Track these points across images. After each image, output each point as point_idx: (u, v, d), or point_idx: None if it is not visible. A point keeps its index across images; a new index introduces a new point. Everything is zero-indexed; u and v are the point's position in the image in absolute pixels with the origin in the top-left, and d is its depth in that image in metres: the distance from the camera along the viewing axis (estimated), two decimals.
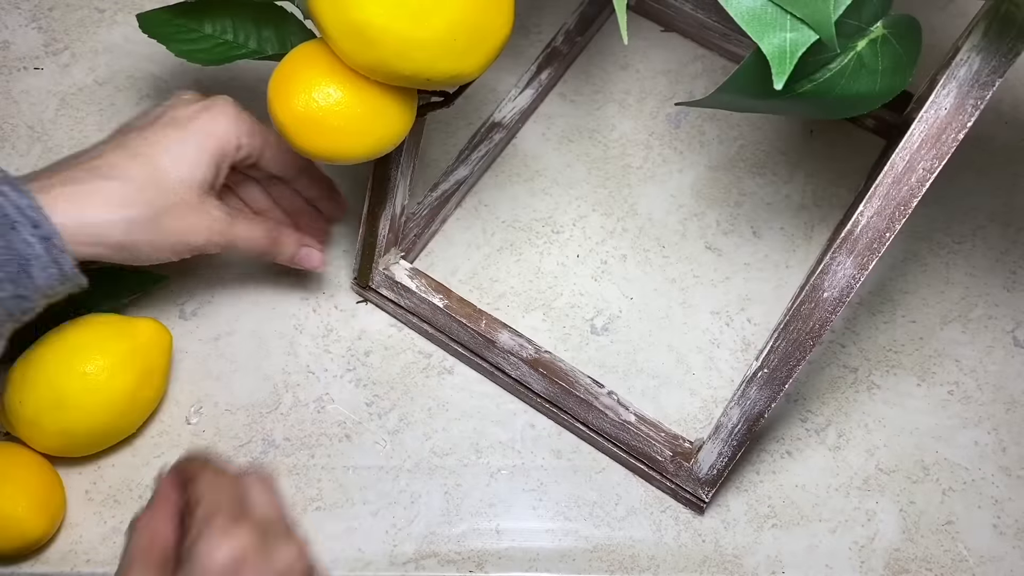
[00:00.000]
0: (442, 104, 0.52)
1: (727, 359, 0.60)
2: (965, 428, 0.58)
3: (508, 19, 0.46)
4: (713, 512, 0.56)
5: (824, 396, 0.59)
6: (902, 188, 0.45)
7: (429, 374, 0.59)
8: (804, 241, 0.63)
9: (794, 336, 0.49)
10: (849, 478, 0.57)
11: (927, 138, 0.45)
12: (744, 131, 0.66)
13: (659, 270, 0.62)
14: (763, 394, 0.50)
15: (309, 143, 0.48)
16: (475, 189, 0.64)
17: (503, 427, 0.58)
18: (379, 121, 0.48)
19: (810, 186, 0.64)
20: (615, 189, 0.64)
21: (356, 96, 0.47)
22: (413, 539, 0.55)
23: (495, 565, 0.55)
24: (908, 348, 0.60)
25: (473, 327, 0.58)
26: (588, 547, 0.55)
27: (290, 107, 0.47)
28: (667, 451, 0.55)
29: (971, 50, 0.44)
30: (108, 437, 0.55)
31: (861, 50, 0.44)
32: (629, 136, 0.66)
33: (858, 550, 0.55)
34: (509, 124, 0.65)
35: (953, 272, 0.62)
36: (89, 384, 0.52)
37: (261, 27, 0.55)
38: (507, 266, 0.62)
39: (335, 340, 0.60)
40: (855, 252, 0.47)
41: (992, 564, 0.54)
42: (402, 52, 0.44)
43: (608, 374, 0.59)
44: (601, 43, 0.69)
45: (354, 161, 0.49)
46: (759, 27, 0.41)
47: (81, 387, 0.52)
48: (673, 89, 0.67)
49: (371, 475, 0.57)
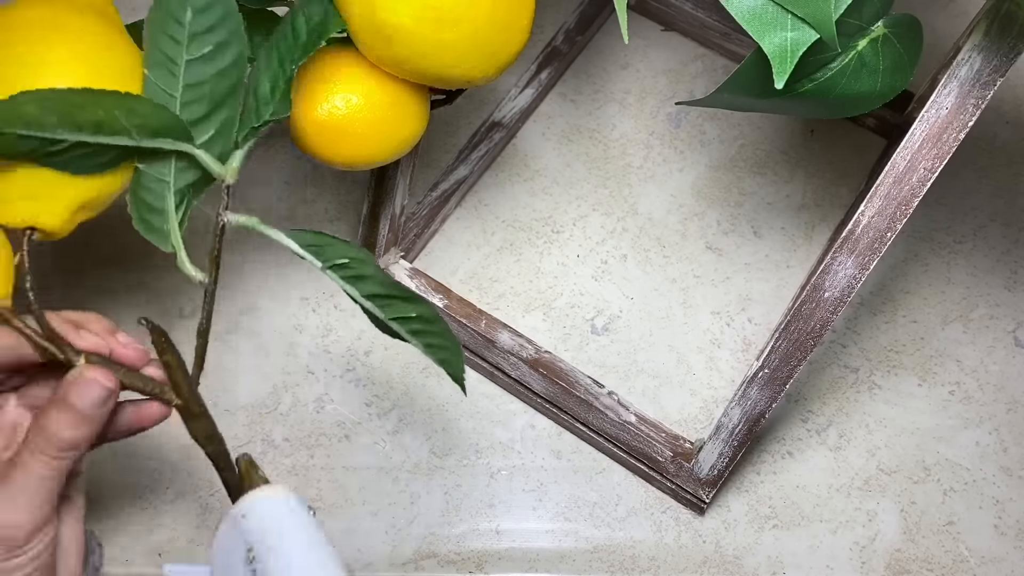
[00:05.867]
0: (444, 102, 0.52)
1: (728, 359, 0.59)
2: (966, 428, 0.58)
3: (528, 29, 0.46)
4: (714, 513, 0.56)
5: (825, 396, 0.59)
6: (903, 188, 0.45)
7: (429, 374, 0.59)
8: (805, 241, 0.63)
9: (795, 336, 0.49)
10: (850, 478, 0.56)
11: (928, 138, 0.44)
12: (745, 131, 0.66)
13: (659, 270, 0.62)
14: (764, 394, 0.50)
15: (331, 151, 0.48)
16: (475, 189, 0.64)
17: (503, 427, 0.58)
18: (398, 124, 0.48)
19: (811, 186, 0.64)
20: (615, 189, 0.64)
21: (376, 101, 0.47)
22: (413, 540, 0.55)
23: (495, 566, 0.54)
24: (909, 348, 0.60)
25: (473, 327, 0.57)
26: (588, 548, 0.55)
27: (312, 115, 0.47)
28: (667, 451, 0.54)
29: (972, 49, 0.43)
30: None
31: (862, 49, 0.44)
32: (629, 136, 0.66)
33: (859, 551, 0.55)
34: (509, 124, 0.65)
35: (954, 272, 0.62)
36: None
37: (252, 33, 0.54)
38: (507, 266, 0.62)
39: (335, 340, 0.60)
40: (856, 252, 0.46)
41: (993, 564, 0.54)
42: (425, 53, 0.44)
43: (608, 374, 0.59)
44: (601, 42, 0.69)
45: (373, 166, 0.50)
46: (760, 26, 0.41)
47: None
48: (673, 88, 0.67)
49: (371, 475, 0.56)
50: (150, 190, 0.44)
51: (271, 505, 0.39)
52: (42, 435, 0.38)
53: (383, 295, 0.43)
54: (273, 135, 0.65)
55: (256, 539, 0.38)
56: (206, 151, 0.43)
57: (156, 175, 0.44)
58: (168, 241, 0.44)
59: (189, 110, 0.43)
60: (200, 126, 0.43)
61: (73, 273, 0.61)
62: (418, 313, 0.43)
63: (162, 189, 0.44)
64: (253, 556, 0.38)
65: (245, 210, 0.44)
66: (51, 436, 0.38)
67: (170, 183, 0.44)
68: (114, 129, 0.40)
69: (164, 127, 0.42)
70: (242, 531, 0.39)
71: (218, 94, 0.43)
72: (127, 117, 0.40)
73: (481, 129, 0.64)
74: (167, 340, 0.42)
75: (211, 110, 0.43)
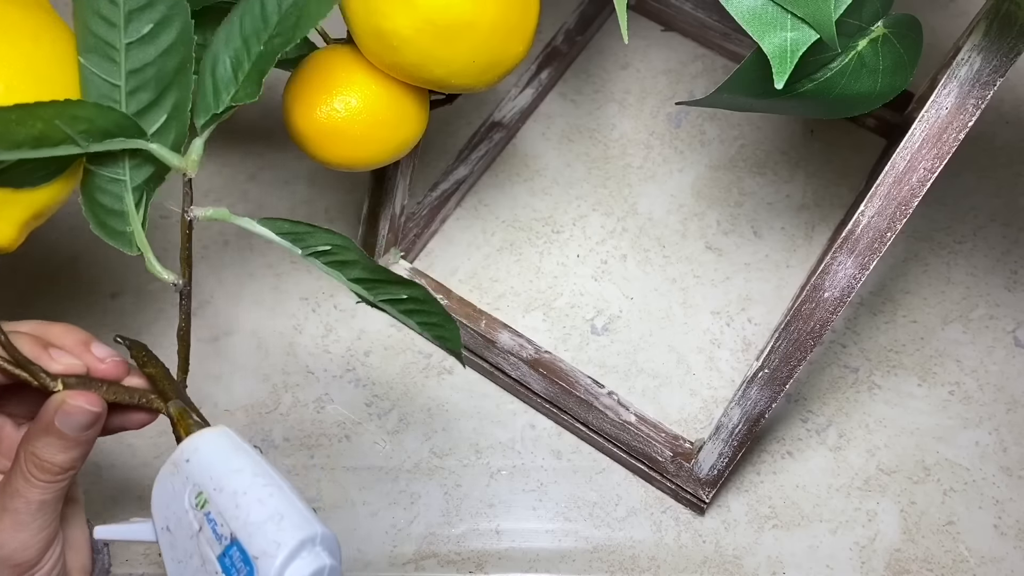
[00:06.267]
0: (444, 102, 0.52)
1: (728, 359, 0.59)
2: (966, 428, 0.58)
3: (530, 38, 0.46)
4: (713, 513, 0.56)
5: (825, 396, 0.59)
6: (903, 188, 0.45)
7: (429, 374, 0.59)
8: (805, 241, 0.63)
9: (795, 336, 0.49)
10: (850, 478, 0.56)
11: (928, 138, 0.44)
12: (745, 131, 0.66)
13: (659, 270, 0.62)
14: (764, 394, 0.50)
15: (330, 152, 0.48)
16: (475, 189, 0.64)
17: (503, 427, 0.58)
18: (397, 126, 0.48)
19: (811, 186, 0.64)
20: (615, 189, 0.64)
21: (375, 103, 0.47)
22: (413, 540, 0.55)
23: (495, 566, 0.54)
24: (909, 348, 0.60)
25: (473, 327, 0.57)
26: (588, 548, 0.55)
27: (312, 118, 0.47)
28: (667, 451, 0.54)
29: (972, 49, 0.43)
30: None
31: (862, 49, 0.44)
32: (629, 136, 0.66)
33: (859, 551, 0.55)
34: (509, 124, 0.65)
35: (954, 272, 0.62)
36: None
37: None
38: (507, 266, 0.62)
39: (334, 340, 0.60)
40: (856, 252, 0.46)
41: (993, 565, 0.54)
42: (422, 64, 0.44)
43: (608, 374, 0.59)
44: (601, 42, 0.69)
45: (373, 167, 0.50)
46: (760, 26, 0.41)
47: None
48: (673, 88, 0.67)
49: (371, 476, 0.56)
50: (105, 191, 0.40)
51: (215, 444, 0.37)
52: (34, 462, 0.37)
53: (370, 279, 0.42)
54: (273, 134, 0.65)
55: (204, 480, 0.36)
56: (159, 142, 0.39)
57: (110, 175, 0.40)
58: (133, 244, 0.40)
59: (136, 99, 0.39)
60: (149, 114, 0.39)
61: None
62: (409, 295, 0.42)
63: (118, 189, 0.40)
64: (204, 500, 0.36)
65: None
66: (43, 463, 0.37)
67: (126, 181, 0.40)
68: (57, 140, 0.36)
69: (112, 127, 0.38)
70: (187, 475, 0.37)
71: (165, 75, 0.39)
72: (70, 125, 0.36)
73: (481, 129, 0.64)
74: (147, 353, 0.40)
75: (159, 94, 0.39)
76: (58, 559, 0.39)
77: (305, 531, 0.35)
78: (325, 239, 0.41)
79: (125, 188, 0.40)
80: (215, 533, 0.36)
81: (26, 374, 0.37)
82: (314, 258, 0.41)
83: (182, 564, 0.37)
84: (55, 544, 0.39)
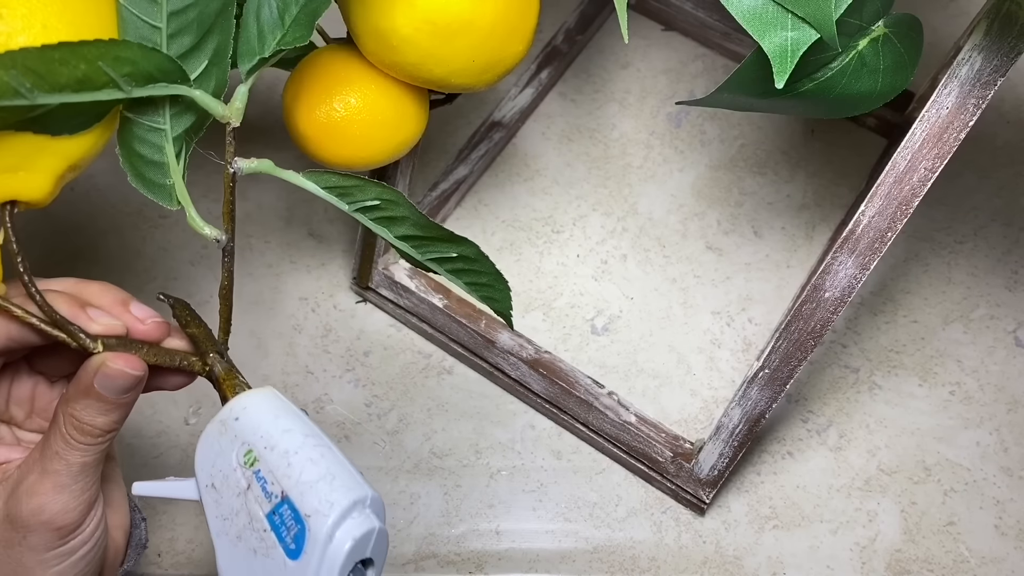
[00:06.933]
0: (444, 102, 0.52)
1: (728, 359, 0.59)
2: (967, 429, 0.58)
3: (530, 38, 0.46)
4: (714, 513, 0.56)
5: (825, 396, 0.58)
6: (904, 188, 0.45)
7: (428, 374, 0.59)
8: (805, 241, 0.63)
9: (795, 336, 0.49)
10: (850, 479, 0.56)
11: (929, 137, 0.44)
12: (745, 130, 0.66)
13: (659, 270, 0.62)
14: (764, 394, 0.50)
15: (329, 152, 0.48)
16: (475, 188, 0.64)
17: (503, 427, 0.58)
18: (397, 126, 0.48)
19: (811, 185, 0.64)
20: (615, 188, 0.64)
21: (375, 102, 0.47)
22: (412, 540, 0.55)
23: (495, 566, 0.54)
24: (910, 348, 0.60)
25: (473, 327, 0.57)
26: (588, 548, 0.55)
27: (312, 118, 0.47)
28: (668, 452, 0.54)
29: (973, 49, 0.43)
30: None
31: (862, 49, 0.44)
32: (629, 135, 0.66)
33: (859, 551, 0.55)
34: (509, 123, 0.65)
35: (955, 272, 0.62)
36: None
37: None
38: (507, 266, 0.62)
39: (334, 340, 0.60)
40: (857, 252, 0.46)
41: (994, 565, 0.54)
42: (421, 63, 0.44)
43: (608, 374, 0.59)
44: (601, 42, 0.69)
45: (373, 167, 0.50)
46: (760, 26, 0.40)
47: None
48: (674, 88, 0.67)
49: (370, 476, 0.56)
50: (144, 141, 0.38)
51: (265, 403, 0.37)
52: (73, 424, 0.36)
53: (419, 236, 0.40)
54: (272, 134, 0.65)
55: (254, 439, 0.36)
56: (201, 88, 0.37)
57: (149, 123, 0.38)
58: (173, 197, 0.38)
59: (177, 43, 0.37)
60: (190, 59, 0.37)
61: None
62: (459, 253, 0.40)
63: (158, 139, 0.38)
64: (254, 458, 0.36)
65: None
66: (83, 425, 0.36)
67: (167, 131, 0.38)
68: (100, 83, 0.34)
69: (157, 71, 0.36)
70: (235, 434, 0.37)
71: (207, 17, 0.37)
72: (114, 67, 0.34)
73: (481, 129, 0.64)
74: (190, 312, 0.39)
75: (200, 38, 0.37)
76: (100, 521, 0.38)
77: (356, 492, 0.36)
78: (375, 193, 0.39)
79: (165, 138, 0.38)
80: (265, 491, 0.36)
81: (63, 335, 0.36)
82: (361, 214, 0.40)
83: (227, 521, 0.36)
84: (96, 506, 0.38)
